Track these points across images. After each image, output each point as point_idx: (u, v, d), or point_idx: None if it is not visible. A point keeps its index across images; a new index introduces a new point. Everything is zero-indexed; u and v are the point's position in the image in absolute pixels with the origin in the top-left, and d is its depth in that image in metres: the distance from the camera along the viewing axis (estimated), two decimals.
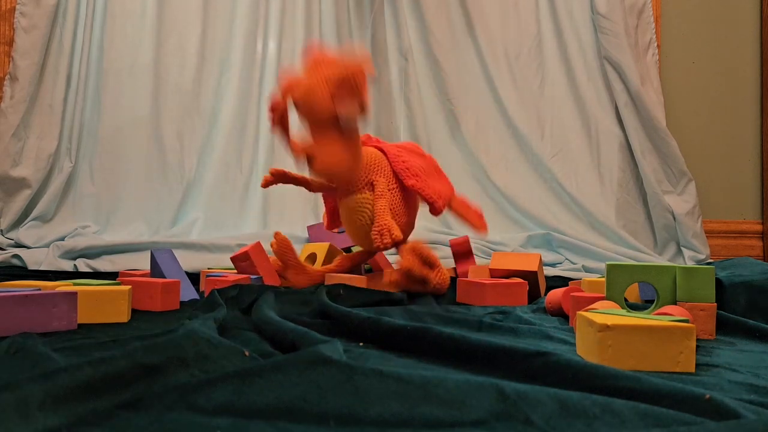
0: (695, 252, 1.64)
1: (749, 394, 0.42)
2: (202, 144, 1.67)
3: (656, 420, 0.34)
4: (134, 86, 1.66)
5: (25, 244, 1.48)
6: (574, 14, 1.76)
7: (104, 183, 1.64)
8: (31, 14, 1.58)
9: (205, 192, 1.64)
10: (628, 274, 0.66)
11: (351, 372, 0.38)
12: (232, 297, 0.76)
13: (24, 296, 0.60)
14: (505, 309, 0.79)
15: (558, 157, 1.74)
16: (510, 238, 1.63)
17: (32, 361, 0.45)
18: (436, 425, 0.34)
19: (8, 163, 1.54)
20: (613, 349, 0.49)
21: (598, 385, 0.40)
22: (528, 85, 1.76)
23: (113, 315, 0.69)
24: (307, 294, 0.84)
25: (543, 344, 0.58)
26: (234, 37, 1.70)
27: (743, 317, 0.70)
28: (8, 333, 0.58)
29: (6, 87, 1.57)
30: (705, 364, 0.52)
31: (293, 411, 0.35)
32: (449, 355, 0.51)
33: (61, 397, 0.34)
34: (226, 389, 0.37)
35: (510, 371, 0.46)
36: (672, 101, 1.80)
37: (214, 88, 1.69)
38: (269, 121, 0.97)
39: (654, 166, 1.69)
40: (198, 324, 0.52)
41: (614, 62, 1.69)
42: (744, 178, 1.84)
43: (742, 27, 1.84)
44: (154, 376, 0.39)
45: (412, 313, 0.74)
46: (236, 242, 1.50)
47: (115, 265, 1.37)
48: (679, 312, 0.61)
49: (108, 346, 0.54)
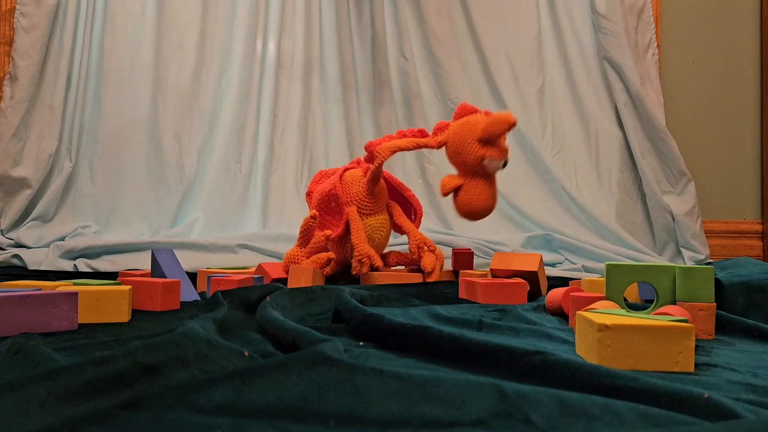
0: (695, 252, 1.64)
1: (748, 394, 0.42)
2: (202, 144, 1.67)
3: (655, 420, 0.34)
4: (134, 86, 1.66)
5: (26, 244, 1.48)
6: (574, 14, 1.76)
7: (104, 183, 1.64)
8: (31, 14, 1.58)
9: (205, 192, 1.65)
10: (627, 274, 0.67)
11: (351, 371, 0.38)
12: (236, 297, 0.75)
13: (24, 296, 0.60)
14: (505, 307, 0.80)
15: (558, 157, 1.74)
16: (510, 238, 1.63)
17: (33, 361, 0.45)
18: (436, 425, 0.34)
19: (8, 163, 1.55)
20: (613, 349, 0.49)
21: (596, 385, 0.40)
22: (528, 86, 1.76)
23: (114, 315, 0.70)
24: (311, 291, 0.84)
25: (543, 344, 0.58)
26: (234, 37, 1.70)
27: (742, 317, 0.70)
28: (9, 333, 0.58)
29: (6, 87, 1.57)
30: (704, 363, 0.52)
31: (293, 411, 0.35)
32: (449, 354, 0.51)
33: (62, 396, 0.34)
34: (226, 389, 0.37)
35: (510, 371, 0.46)
36: (672, 101, 1.80)
37: (214, 88, 1.69)
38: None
39: (653, 166, 1.69)
40: (198, 324, 0.52)
41: (614, 62, 1.69)
42: (744, 178, 1.84)
43: (742, 27, 1.85)
44: (154, 376, 0.39)
45: (412, 312, 0.74)
46: (236, 242, 1.50)
47: (115, 265, 1.37)
48: (678, 312, 0.61)
49: (109, 346, 0.54)
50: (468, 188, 1.06)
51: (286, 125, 1.71)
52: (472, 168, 1.05)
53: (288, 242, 1.54)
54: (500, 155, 1.04)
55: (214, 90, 1.69)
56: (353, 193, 1.12)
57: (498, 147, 1.04)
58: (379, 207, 1.14)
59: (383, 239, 1.16)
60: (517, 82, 1.76)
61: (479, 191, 1.06)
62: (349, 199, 1.12)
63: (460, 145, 1.05)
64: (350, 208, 1.12)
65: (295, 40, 1.73)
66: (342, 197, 1.12)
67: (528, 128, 1.73)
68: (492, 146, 1.03)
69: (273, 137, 1.70)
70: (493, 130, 1.02)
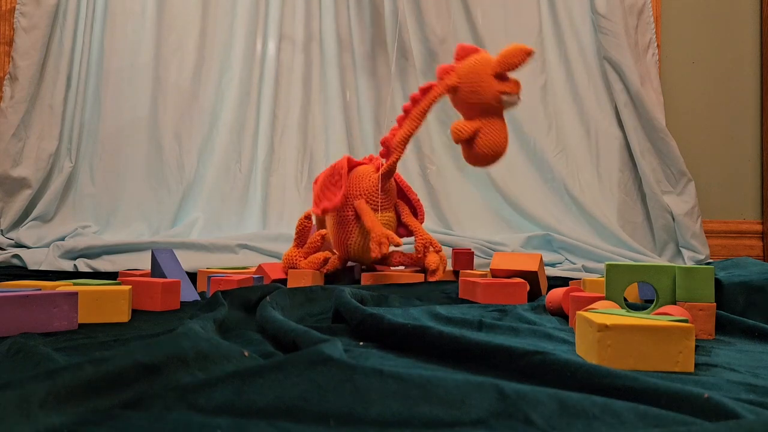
0: (695, 252, 1.64)
1: (748, 394, 0.42)
2: (202, 144, 1.67)
3: (655, 420, 0.34)
4: (134, 86, 1.66)
5: (26, 244, 1.48)
6: (574, 14, 1.76)
7: (104, 183, 1.64)
8: (31, 14, 1.58)
9: (205, 192, 1.65)
10: (627, 274, 0.67)
11: (351, 371, 0.38)
12: (236, 297, 0.76)
13: (24, 296, 0.60)
14: (505, 307, 0.80)
15: (558, 157, 1.74)
16: (510, 238, 1.63)
17: (33, 361, 0.45)
18: (436, 425, 0.34)
19: (8, 163, 1.55)
20: (613, 349, 0.49)
21: (596, 385, 0.40)
22: (528, 86, 1.76)
23: (114, 315, 0.70)
24: (311, 291, 0.84)
25: (543, 344, 0.58)
26: (234, 37, 1.70)
27: (742, 317, 0.70)
28: (9, 333, 0.58)
29: (6, 87, 1.57)
30: (704, 363, 0.52)
31: (293, 411, 0.35)
32: (449, 354, 0.51)
33: (63, 396, 0.34)
34: (226, 389, 0.37)
35: (510, 371, 0.46)
36: (672, 101, 1.80)
37: (214, 88, 1.69)
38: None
39: (653, 166, 1.69)
40: (198, 324, 0.52)
41: (614, 62, 1.69)
42: (744, 178, 1.84)
43: (742, 27, 1.85)
44: (154, 375, 0.39)
45: (412, 312, 0.74)
46: (236, 242, 1.50)
47: (115, 265, 1.37)
48: (678, 312, 0.61)
49: (109, 346, 0.54)
50: (487, 130, 1.01)
51: (286, 125, 1.72)
52: (490, 106, 1.00)
53: (288, 242, 1.53)
54: (517, 88, 1.00)
55: (214, 90, 1.69)
56: (363, 187, 1.11)
57: (512, 81, 1.00)
58: (388, 204, 1.14)
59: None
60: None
61: (498, 131, 1.01)
62: (359, 192, 1.11)
63: (476, 83, 1.00)
64: (359, 201, 1.10)
65: (295, 40, 1.73)
66: (351, 191, 1.11)
67: (528, 128, 1.73)
68: (506, 81, 0.99)
69: (273, 137, 1.70)
70: (511, 61, 0.97)
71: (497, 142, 1.02)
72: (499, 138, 1.02)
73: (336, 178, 1.12)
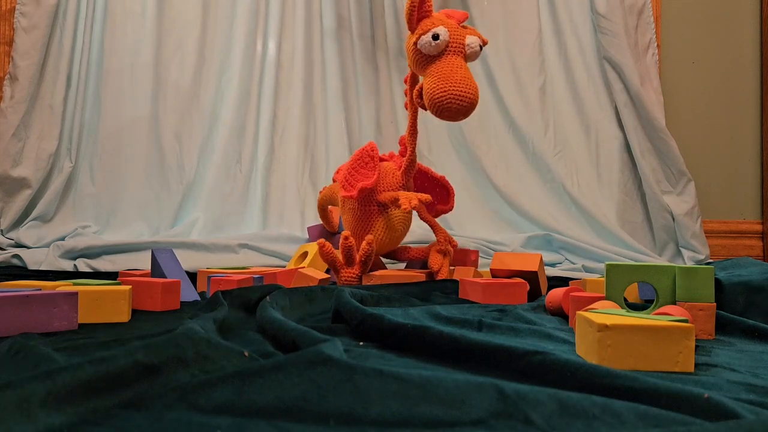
0: (694, 252, 1.64)
1: (748, 394, 0.42)
2: (202, 144, 1.67)
3: (655, 420, 0.34)
4: (134, 86, 1.66)
5: (26, 244, 1.48)
6: (574, 14, 1.76)
7: (104, 183, 1.64)
8: (31, 14, 1.58)
9: (205, 192, 1.65)
10: (627, 274, 0.67)
11: (351, 371, 0.38)
12: (236, 297, 0.76)
13: (24, 296, 0.60)
14: (505, 307, 0.80)
15: (558, 157, 1.74)
16: (510, 238, 1.63)
17: (33, 361, 0.45)
18: (436, 425, 0.34)
19: (8, 163, 1.55)
20: (613, 349, 0.49)
21: (596, 385, 0.40)
22: (528, 85, 1.76)
23: (114, 315, 0.70)
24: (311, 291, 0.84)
25: (543, 344, 0.58)
26: (234, 37, 1.70)
27: (742, 317, 0.70)
28: (9, 333, 0.58)
29: (6, 87, 1.57)
30: (704, 363, 0.52)
31: (293, 411, 0.35)
32: (449, 354, 0.51)
33: (63, 396, 0.34)
34: (226, 389, 0.37)
35: (510, 371, 0.46)
36: (672, 101, 1.80)
37: (214, 88, 1.69)
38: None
39: (653, 166, 1.69)
40: (198, 324, 0.52)
41: (614, 62, 1.69)
42: (744, 178, 1.84)
43: (742, 27, 1.85)
44: (154, 375, 0.39)
45: (412, 312, 0.74)
46: (236, 242, 1.50)
47: (115, 265, 1.37)
48: (678, 312, 0.61)
49: (109, 346, 0.54)
50: (427, 77, 1.00)
51: (286, 125, 1.71)
52: (417, 59, 1.02)
53: (288, 242, 1.54)
54: (429, 27, 0.99)
55: (214, 90, 1.69)
56: (387, 183, 1.14)
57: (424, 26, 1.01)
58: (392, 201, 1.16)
59: (403, 232, 1.20)
60: (517, 82, 1.76)
61: (441, 78, 0.98)
62: (383, 188, 1.14)
63: (408, 50, 1.05)
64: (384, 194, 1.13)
65: (295, 40, 1.73)
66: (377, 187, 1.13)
67: (528, 128, 1.73)
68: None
69: (273, 137, 1.70)
70: (406, 12, 1.01)
71: (438, 87, 0.97)
72: (445, 85, 0.97)
73: (367, 159, 1.14)
